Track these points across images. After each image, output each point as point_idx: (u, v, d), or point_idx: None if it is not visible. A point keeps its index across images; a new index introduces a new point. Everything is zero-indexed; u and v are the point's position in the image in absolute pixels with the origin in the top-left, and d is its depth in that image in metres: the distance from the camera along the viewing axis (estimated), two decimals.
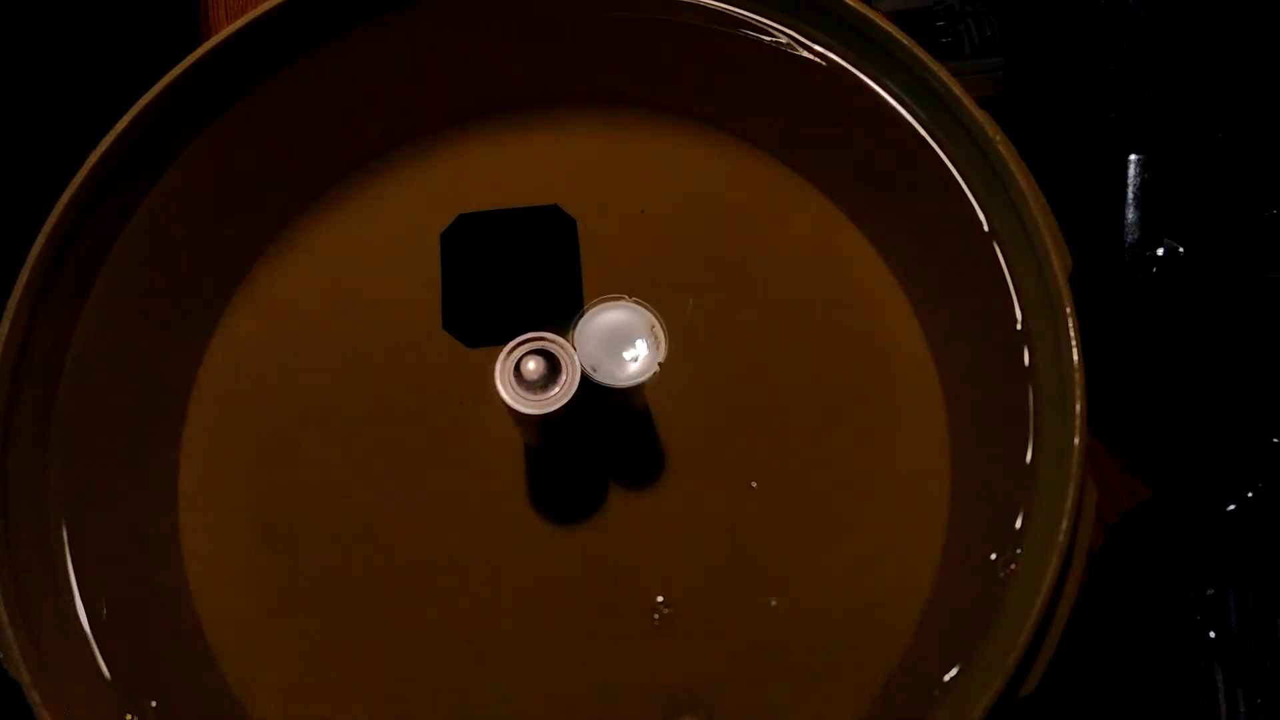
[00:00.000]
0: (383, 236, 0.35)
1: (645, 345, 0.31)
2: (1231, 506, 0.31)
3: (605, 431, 0.33)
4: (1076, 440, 0.26)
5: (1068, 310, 0.27)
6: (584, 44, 0.34)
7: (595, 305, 0.31)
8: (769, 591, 0.31)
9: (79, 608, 0.28)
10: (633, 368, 0.31)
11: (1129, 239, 0.33)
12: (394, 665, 0.31)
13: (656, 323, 0.31)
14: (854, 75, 0.31)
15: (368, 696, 0.31)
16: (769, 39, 0.32)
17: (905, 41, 0.29)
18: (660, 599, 0.31)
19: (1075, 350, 0.26)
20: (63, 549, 0.28)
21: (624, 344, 0.31)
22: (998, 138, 0.28)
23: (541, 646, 0.31)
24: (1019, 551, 0.27)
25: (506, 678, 0.31)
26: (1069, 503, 0.26)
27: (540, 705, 0.31)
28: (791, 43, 0.31)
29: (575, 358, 0.29)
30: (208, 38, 0.30)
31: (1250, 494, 0.31)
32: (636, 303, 0.31)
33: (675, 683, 0.31)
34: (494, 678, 0.31)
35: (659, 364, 0.31)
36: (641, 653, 0.31)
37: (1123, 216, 0.33)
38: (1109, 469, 0.37)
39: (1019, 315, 0.28)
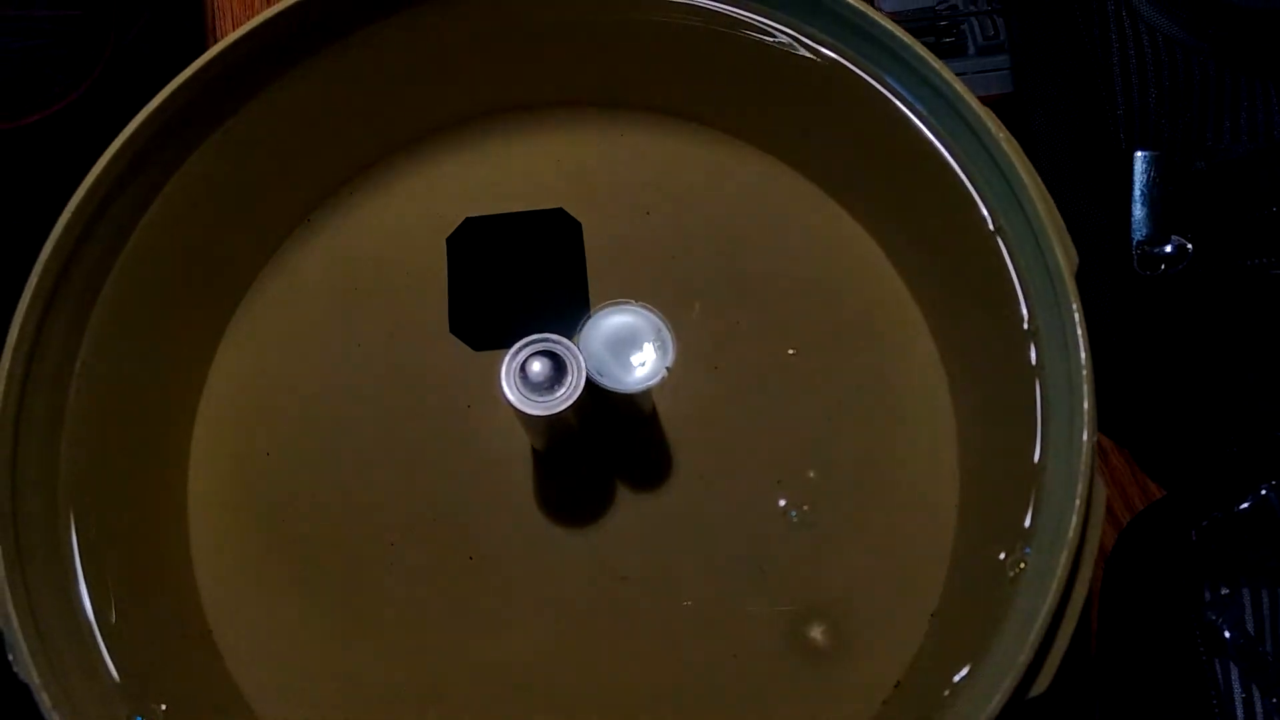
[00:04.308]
0: (389, 240, 0.35)
1: (652, 349, 0.30)
2: (1245, 505, 0.31)
3: (613, 434, 0.33)
4: (1085, 437, 0.26)
5: (1074, 307, 0.27)
6: (586, 47, 0.34)
7: (600, 309, 0.30)
8: (782, 595, 0.31)
9: (87, 609, 0.28)
10: (640, 372, 0.30)
11: (1137, 236, 0.32)
12: (405, 669, 0.31)
13: (663, 326, 0.30)
14: (855, 74, 0.31)
15: (378, 701, 0.31)
16: (770, 39, 0.32)
17: (906, 39, 0.29)
18: (688, 602, 0.31)
19: (1082, 347, 0.26)
20: (71, 552, 0.29)
21: (631, 348, 0.30)
22: (1001, 135, 0.28)
23: (552, 645, 0.31)
24: (1028, 551, 0.27)
25: (526, 679, 0.31)
26: (1078, 501, 0.25)
27: (548, 705, 0.31)
28: (792, 42, 0.31)
29: (581, 359, 0.29)
30: (214, 44, 0.30)
31: (1263, 491, 0.30)
32: (643, 307, 0.30)
33: (670, 693, 0.30)
34: (506, 679, 0.31)
35: (666, 368, 0.30)
36: (648, 655, 0.31)
37: (1130, 214, 0.33)
38: (1122, 468, 0.37)
39: (1025, 313, 0.28)
